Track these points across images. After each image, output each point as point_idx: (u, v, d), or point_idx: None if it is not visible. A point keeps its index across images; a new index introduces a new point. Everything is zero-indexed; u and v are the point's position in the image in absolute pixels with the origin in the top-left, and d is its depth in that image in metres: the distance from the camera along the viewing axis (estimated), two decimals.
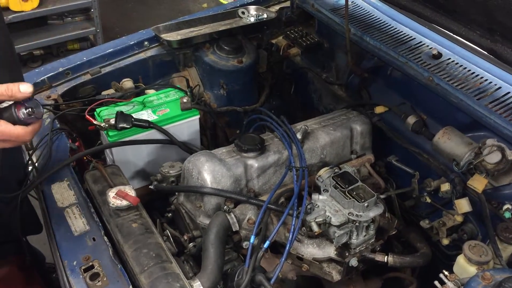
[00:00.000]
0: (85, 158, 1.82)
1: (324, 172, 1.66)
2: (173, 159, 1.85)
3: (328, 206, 1.53)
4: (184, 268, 1.51)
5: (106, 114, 1.88)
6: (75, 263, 1.37)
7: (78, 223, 1.50)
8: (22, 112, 1.14)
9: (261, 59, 2.43)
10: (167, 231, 1.69)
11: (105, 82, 2.13)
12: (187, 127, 1.98)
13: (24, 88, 1.10)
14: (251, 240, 1.44)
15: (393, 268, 1.68)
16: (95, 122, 1.82)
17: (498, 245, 1.47)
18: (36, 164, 1.72)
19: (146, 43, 2.24)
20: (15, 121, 1.14)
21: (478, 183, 1.60)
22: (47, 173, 1.62)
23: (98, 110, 1.90)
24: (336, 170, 1.66)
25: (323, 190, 1.59)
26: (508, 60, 1.53)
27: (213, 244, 1.43)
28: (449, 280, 1.26)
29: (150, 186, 1.72)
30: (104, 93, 2.08)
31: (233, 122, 2.37)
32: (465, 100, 1.71)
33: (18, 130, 1.14)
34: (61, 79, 2.07)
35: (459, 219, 1.67)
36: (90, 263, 1.37)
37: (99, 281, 1.33)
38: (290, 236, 1.45)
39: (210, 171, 1.60)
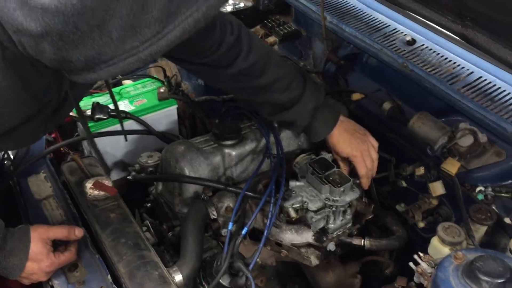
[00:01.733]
0: (62, 149, 1.81)
1: (301, 159, 1.68)
2: (151, 149, 1.84)
3: (305, 192, 1.55)
4: (164, 257, 1.52)
5: (82, 105, 1.86)
6: None
7: (55, 214, 1.50)
8: None
9: None
10: (147, 221, 1.69)
11: None
12: (165, 117, 1.98)
13: (79, 233, 1.34)
14: (229, 227, 1.45)
15: (371, 252, 1.71)
16: (71, 114, 1.80)
17: (471, 226, 1.50)
18: (12, 157, 1.70)
19: None
20: None
21: (451, 166, 1.63)
22: (22, 166, 1.61)
23: None
24: (313, 157, 1.68)
25: (300, 177, 1.61)
26: (479, 45, 1.55)
27: (191, 232, 1.44)
28: (423, 261, 1.29)
29: (128, 177, 1.72)
30: None
31: (211, 112, 2.37)
32: (438, 86, 1.74)
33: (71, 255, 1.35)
34: None
35: (434, 202, 1.69)
36: None
37: (77, 272, 1.33)
38: (268, 222, 1.46)
39: (187, 160, 1.60)
